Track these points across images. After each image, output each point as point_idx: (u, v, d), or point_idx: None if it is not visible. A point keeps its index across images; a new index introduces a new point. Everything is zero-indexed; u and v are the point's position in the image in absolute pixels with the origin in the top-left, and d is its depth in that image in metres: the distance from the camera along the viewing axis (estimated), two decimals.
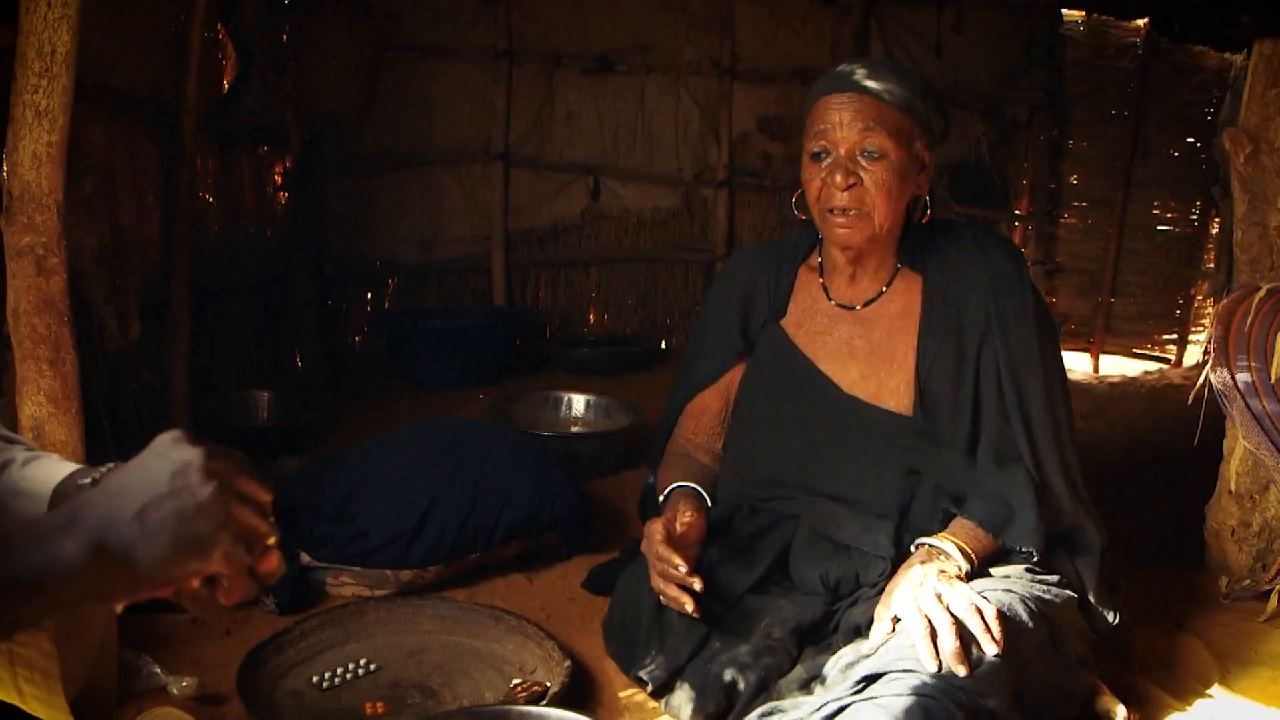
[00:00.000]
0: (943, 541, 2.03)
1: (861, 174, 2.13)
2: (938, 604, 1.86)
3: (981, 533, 2.06)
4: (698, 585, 2.03)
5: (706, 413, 2.45)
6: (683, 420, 2.48)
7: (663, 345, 6.21)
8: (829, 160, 2.15)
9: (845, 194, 2.13)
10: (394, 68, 5.48)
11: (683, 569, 2.03)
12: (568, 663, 2.26)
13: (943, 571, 1.95)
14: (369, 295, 5.67)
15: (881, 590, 2.08)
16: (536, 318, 5.99)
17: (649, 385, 4.90)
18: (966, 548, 2.02)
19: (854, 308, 2.31)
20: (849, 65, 2.21)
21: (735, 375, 2.44)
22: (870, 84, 2.14)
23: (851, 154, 2.13)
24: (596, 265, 6.15)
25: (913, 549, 2.06)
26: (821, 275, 2.37)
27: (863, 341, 2.28)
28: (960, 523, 2.09)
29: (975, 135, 6.51)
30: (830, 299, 2.33)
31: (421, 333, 5.19)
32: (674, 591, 2.05)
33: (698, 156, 6.18)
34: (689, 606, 2.04)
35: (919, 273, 2.28)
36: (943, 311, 2.23)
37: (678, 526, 2.14)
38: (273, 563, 1.06)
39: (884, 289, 2.29)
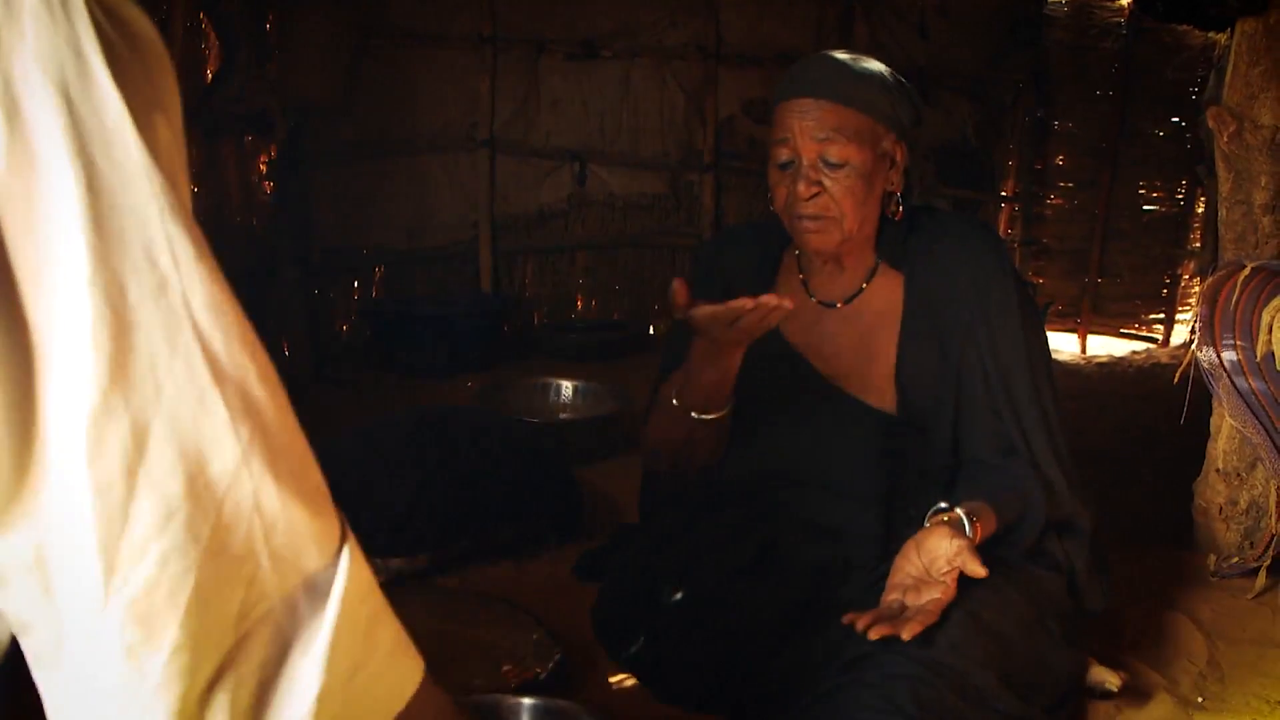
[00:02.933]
0: (965, 518, 1.97)
1: (825, 181, 2.09)
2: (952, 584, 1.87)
3: (993, 516, 2.03)
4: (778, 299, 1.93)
5: None
6: None
7: (651, 331, 6.21)
8: (792, 169, 2.13)
9: (810, 203, 2.11)
10: (378, 55, 5.46)
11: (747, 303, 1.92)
12: (558, 649, 2.26)
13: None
14: (356, 283, 5.65)
15: (871, 570, 2.09)
16: (524, 304, 5.98)
17: (637, 371, 4.89)
18: (980, 529, 1.97)
19: (835, 305, 2.29)
20: (811, 62, 2.16)
21: None
22: (830, 88, 2.10)
23: (814, 163, 2.09)
24: (584, 251, 6.14)
25: (931, 515, 1.99)
26: (801, 270, 2.35)
27: (845, 339, 2.27)
28: (979, 504, 2.03)
29: (961, 117, 6.51)
30: (811, 296, 2.32)
31: (409, 320, 5.17)
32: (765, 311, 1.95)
33: (683, 141, 6.16)
34: (789, 303, 1.93)
35: (899, 269, 2.26)
36: (924, 309, 2.22)
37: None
38: None
39: (864, 285, 2.27)
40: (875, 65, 2.17)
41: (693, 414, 2.22)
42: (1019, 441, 2.15)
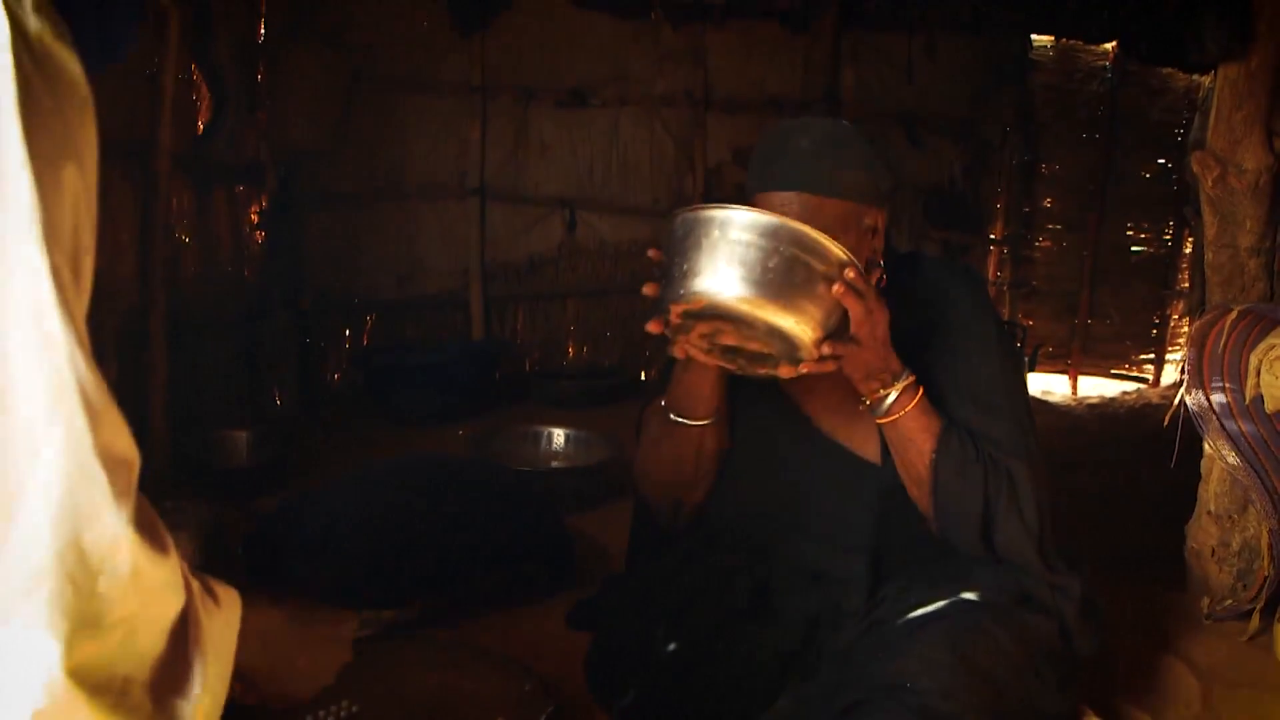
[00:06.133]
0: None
1: None
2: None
3: (935, 424, 2.06)
4: None
5: None
6: None
7: (642, 377, 6.21)
8: None
9: None
10: (368, 102, 5.48)
11: None
12: (551, 701, 2.25)
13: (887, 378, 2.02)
14: (347, 331, 5.66)
15: (862, 617, 2.08)
16: (515, 351, 5.99)
17: (629, 418, 4.86)
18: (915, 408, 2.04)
19: None
20: (788, 151, 2.09)
21: None
22: (813, 181, 2.05)
23: None
24: (574, 298, 6.15)
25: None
26: None
27: (834, 390, 2.24)
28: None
29: (948, 160, 6.55)
30: None
31: (400, 368, 5.17)
32: None
33: (673, 188, 6.19)
34: None
35: None
36: (904, 356, 2.20)
37: None
38: None
39: None
40: (852, 140, 2.10)
41: (672, 416, 2.20)
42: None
